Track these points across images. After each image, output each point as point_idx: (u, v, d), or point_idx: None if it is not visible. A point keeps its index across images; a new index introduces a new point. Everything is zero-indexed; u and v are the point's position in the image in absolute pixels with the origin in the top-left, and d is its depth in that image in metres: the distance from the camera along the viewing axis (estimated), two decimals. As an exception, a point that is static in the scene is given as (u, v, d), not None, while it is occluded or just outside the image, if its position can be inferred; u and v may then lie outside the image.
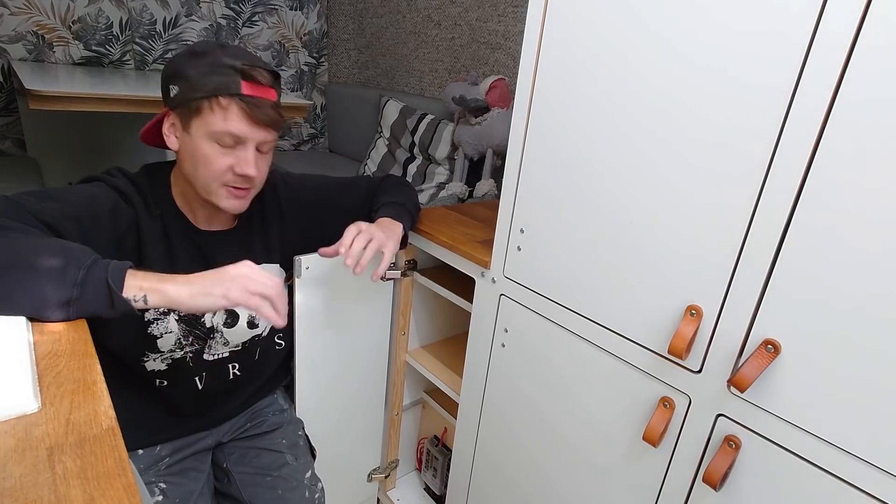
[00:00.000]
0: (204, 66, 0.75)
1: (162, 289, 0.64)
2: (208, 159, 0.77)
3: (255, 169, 0.79)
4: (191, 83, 0.75)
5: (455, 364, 1.22)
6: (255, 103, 0.76)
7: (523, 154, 0.85)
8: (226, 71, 0.75)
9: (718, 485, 0.64)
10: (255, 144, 0.79)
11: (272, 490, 0.94)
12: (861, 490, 0.55)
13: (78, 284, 0.58)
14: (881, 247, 0.51)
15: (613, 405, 0.79)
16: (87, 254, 0.62)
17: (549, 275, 0.85)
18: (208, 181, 0.78)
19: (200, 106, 0.75)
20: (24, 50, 1.94)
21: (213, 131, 0.75)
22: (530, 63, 0.81)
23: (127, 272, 0.62)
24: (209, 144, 0.76)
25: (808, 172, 0.55)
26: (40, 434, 0.44)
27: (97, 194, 0.76)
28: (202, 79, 0.75)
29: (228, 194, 0.80)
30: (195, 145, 0.77)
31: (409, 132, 2.03)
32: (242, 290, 0.67)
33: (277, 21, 2.51)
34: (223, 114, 0.75)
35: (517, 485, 0.99)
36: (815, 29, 0.52)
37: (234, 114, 0.75)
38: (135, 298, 0.62)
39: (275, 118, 0.78)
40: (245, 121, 0.76)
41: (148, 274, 0.64)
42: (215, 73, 0.75)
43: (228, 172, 0.78)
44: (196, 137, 0.76)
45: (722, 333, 0.64)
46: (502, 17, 1.86)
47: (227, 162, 0.77)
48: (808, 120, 0.54)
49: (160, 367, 0.87)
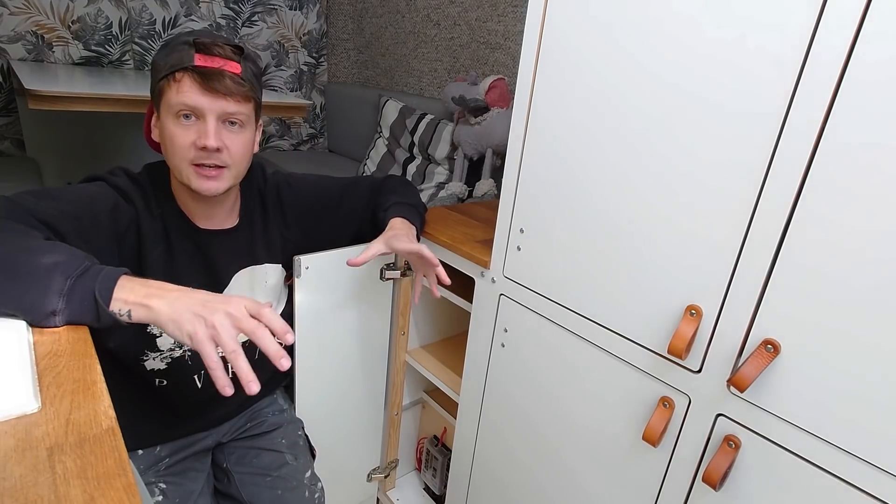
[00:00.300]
0: (166, 49, 0.76)
1: (148, 304, 0.59)
2: (173, 137, 0.76)
3: (214, 140, 0.75)
4: (156, 68, 0.77)
5: (455, 364, 1.22)
6: (208, 73, 0.74)
7: (523, 154, 0.86)
8: (181, 47, 0.75)
9: (718, 484, 0.64)
10: (216, 116, 0.76)
11: (272, 490, 0.94)
12: (861, 490, 0.55)
13: (64, 295, 0.57)
14: (881, 248, 0.51)
15: (613, 405, 0.79)
16: (77, 261, 0.59)
17: (549, 274, 0.85)
18: (177, 161, 0.77)
19: (162, 86, 0.75)
20: (24, 50, 1.93)
21: (170, 105, 0.75)
22: (530, 63, 0.81)
23: (119, 281, 0.59)
24: (173, 123, 0.76)
25: (807, 172, 0.55)
26: (40, 434, 0.44)
27: (97, 193, 0.76)
28: (163, 60, 0.76)
29: (197, 174, 0.77)
30: (163, 127, 0.77)
31: (409, 132, 2.03)
32: (211, 336, 0.57)
33: (277, 21, 2.51)
34: (177, 87, 0.74)
35: (516, 485, 0.99)
36: (819, 16, 0.53)
37: (186, 85, 0.74)
38: (119, 313, 0.59)
39: (232, 87, 0.76)
40: (198, 90, 0.74)
41: (140, 285, 0.60)
42: (173, 52, 0.75)
43: (192, 148, 0.76)
44: (163, 119, 0.76)
45: (722, 333, 0.64)
46: (502, 17, 1.86)
47: (190, 137, 0.76)
48: (808, 121, 0.54)
49: (160, 367, 0.86)
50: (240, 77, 0.77)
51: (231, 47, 0.78)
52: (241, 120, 0.79)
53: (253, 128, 0.83)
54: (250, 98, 0.79)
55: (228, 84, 0.75)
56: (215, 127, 0.76)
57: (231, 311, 0.58)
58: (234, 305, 0.59)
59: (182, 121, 0.75)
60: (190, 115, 0.75)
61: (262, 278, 0.94)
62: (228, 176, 0.80)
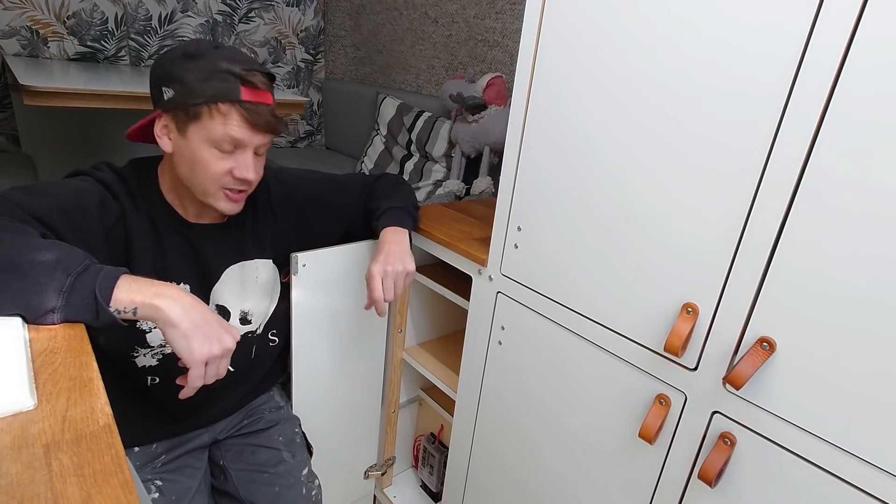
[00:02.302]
0: (201, 71, 0.75)
1: (157, 305, 0.61)
2: (207, 163, 0.77)
3: (254, 173, 0.80)
4: (187, 87, 0.75)
5: (452, 362, 1.22)
6: (255, 109, 0.76)
7: (520, 151, 0.86)
8: (225, 76, 0.75)
9: (714, 481, 0.65)
10: (254, 148, 0.80)
11: (269, 487, 0.94)
12: (855, 487, 0.56)
13: (64, 293, 0.57)
14: (877, 246, 0.51)
15: (609, 402, 0.79)
16: (78, 259, 0.60)
17: (546, 272, 0.85)
18: (206, 184, 0.79)
19: (199, 112, 0.75)
20: (18, 45, 1.92)
21: (213, 137, 0.76)
22: (528, 60, 0.81)
23: (119, 280, 0.60)
24: (208, 149, 0.76)
25: (804, 169, 0.55)
26: (36, 431, 0.44)
27: (84, 188, 0.75)
28: (201, 84, 0.74)
29: (226, 197, 0.81)
30: (192, 150, 0.77)
31: (406, 129, 2.02)
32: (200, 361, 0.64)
33: (274, 17, 2.50)
34: (223, 119, 0.75)
35: (513, 482, 1.00)
36: (815, 18, 0.53)
37: (234, 120, 0.76)
38: (124, 311, 0.60)
39: (273, 123, 0.79)
40: (245, 126, 0.76)
41: (144, 285, 0.62)
42: (214, 79, 0.74)
43: (227, 176, 0.79)
44: (194, 142, 0.76)
45: (717, 331, 0.64)
46: (500, 15, 1.86)
47: (226, 166, 0.78)
48: (805, 117, 0.54)
49: (151, 363, 0.86)
50: (274, 110, 0.80)
51: (266, 77, 0.80)
52: (266, 148, 0.83)
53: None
54: (279, 130, 0.82)
55: (270, 120, 0.79)
56: (254, 159, 0.80)
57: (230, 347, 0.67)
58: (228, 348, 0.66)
59: (222, 149, 0.77)
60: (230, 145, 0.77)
61: (252, 274, 0.94)
62: (247, 195, 0.85)
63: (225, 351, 0.66)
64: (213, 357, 0.64)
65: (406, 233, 0.99)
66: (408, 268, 0.93)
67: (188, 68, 0.75)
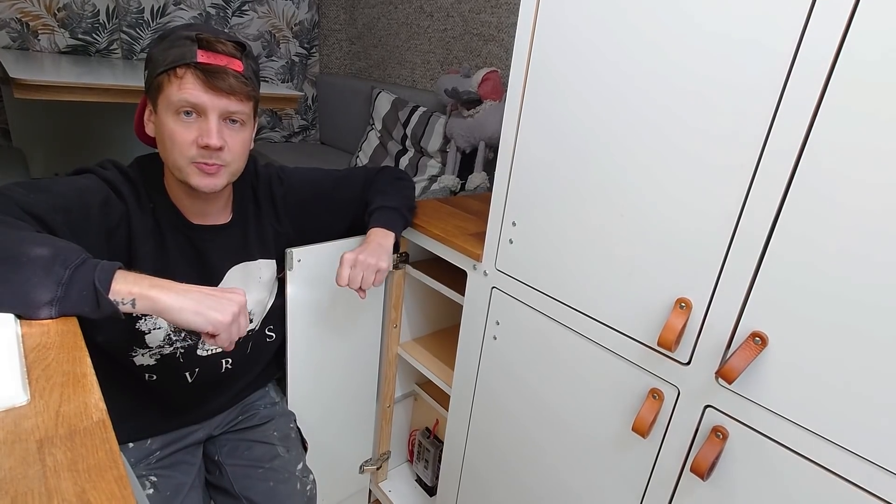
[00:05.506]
0: (166, 43, 0.75)
1: (153, 296, 0.62)
2: (173, 135, 0.75)
3: (217, 139, 0.75)
4: (154, 63, 0.75)
5: (447, 356, 1.23)
6: (212, 70, 0.73)
7: (515, 147, 0.86)
8: (182, 42, 0.73)
9: (706, 474, 0.65)
10: (218, 114, 0.76)
11: (264, 482, 0.94)
12: (846, 480, 0.56)
13: (63, 284, 0.57)
14: (869, 241, 0.52)
15: (603, 396, 0.80)
16: (75, 252, 0.60)
17: (541, 267, 0.85)
18: (177, 158, 0.76)
19: (161, 81, 0.74)
20: (8, 38, 1.90)
21: (170, 101, 0.74)
22: (523, 55, 0.81)
23: (116, 273, 0.60)
24: (173, 119, 0.74)
25: (797, 164, 0.55)
26: (30, 426, 0.44)
27: (88, 186, 0.75)
28: (162, 54, 0.74)
29: (198, 171, 0.77)
30: (162, 123, 0.75)
31: (401, 124, 2.02)
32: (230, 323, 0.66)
33: (268, 11, 2.48)
34: (179, 83, 0.73)
35: (508, 476, 1.00)
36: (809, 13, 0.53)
37: (188, 82, 0.73)
38: (122, 302, 0.60)
39: (235, 85, 0.75)
40: (201, 88, 0.73)
41: (139, 278, 0.62)
42: (174, 47, 0.73)
43: (193, 146, 0.75)
44: (162, 115, 0.75)
45: (710, 326, 0.65)
46: (495, 9, 1.85)
47: (191, 135, 0.75)
48: (800, 111, 0.55)
49: (148, 362, 0.86)
50: (242, 75, 0.76)
51: (234, 44, 0.77)
52: (241, 119, 0.79)
53: (252, 126, 0.83)
54: (251, 97, 0.79)
55: (232, 82, 0.75)
56: (217, 125, 0.76)
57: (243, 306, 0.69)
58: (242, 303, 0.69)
59: (183, 118, 0.74)
60: (191, 112, 0.74)
61: (255, 274, 0.94)
62: (226, 173, 0.80)
63: (241, 306, 0.67)
64: (235, 315, 0.66)
65: (392, 236, 0.98)
66: (380, 264, 0.92)
67: (158, 47, 0.75)
